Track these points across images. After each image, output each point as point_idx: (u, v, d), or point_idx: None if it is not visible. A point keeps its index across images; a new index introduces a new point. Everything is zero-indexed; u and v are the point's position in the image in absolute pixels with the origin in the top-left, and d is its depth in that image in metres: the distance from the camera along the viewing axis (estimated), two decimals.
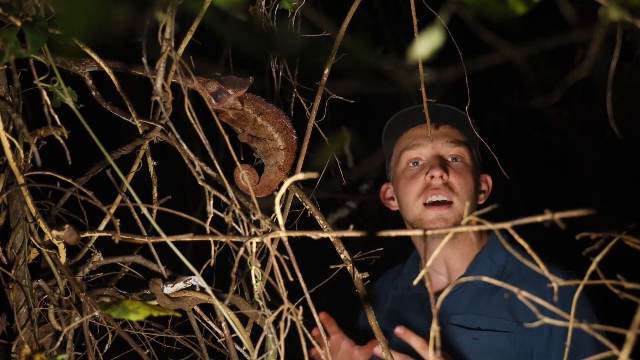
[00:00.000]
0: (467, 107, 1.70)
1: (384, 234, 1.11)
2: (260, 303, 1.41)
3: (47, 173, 1.38)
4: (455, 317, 1.89)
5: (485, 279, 1.10)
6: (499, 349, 1.81)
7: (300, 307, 1.23)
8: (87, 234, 1.45)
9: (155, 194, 1.52)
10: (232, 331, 1.48)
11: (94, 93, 1.45)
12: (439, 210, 1.90)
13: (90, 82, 1.45)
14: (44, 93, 1.29)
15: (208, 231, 1.30)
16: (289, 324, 1.22)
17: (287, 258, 1.25)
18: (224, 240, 1.32)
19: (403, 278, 2.11)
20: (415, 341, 1.71)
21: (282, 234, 1.18)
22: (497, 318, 1.83)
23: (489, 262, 1.93)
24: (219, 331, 1.50)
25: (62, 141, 1.32)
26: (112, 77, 1.43)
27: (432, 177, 1.91)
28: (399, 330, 1.74)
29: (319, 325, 1.35)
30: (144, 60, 1.29)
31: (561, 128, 3.46)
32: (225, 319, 1.47)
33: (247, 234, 1.36)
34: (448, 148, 1.95)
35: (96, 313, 1.42)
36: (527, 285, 1.17)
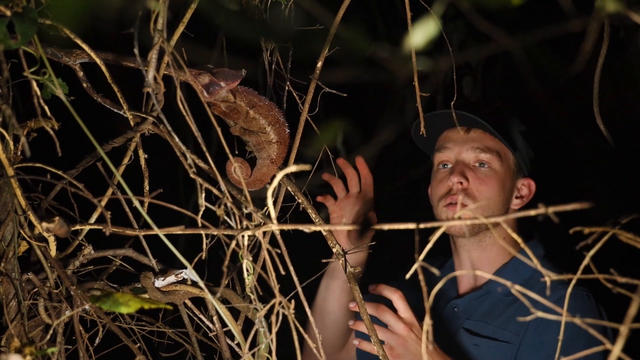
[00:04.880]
0: (453, 103, 1.69)
1: (376, 227, 1.11)
2: (252, 297, 1.41)
3: (37, 165, 1.37)
4: (468, 322, 1.94)
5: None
6: (497, 358, 1.82)
7: (292, 301, 1.23)
8: (77, 227, 1.44)
9: (147, 187, 1.51)
10: (223, 325, 1.47)
11: (85, 85, 1.44)
12: (453, 210, 1.95)
13: (81, 73, 1.43)
14: (34, 84, 1.28)
15: (200, 224, 1.29)
16: (280, 317, 1.22)
17: (279, 251, 1.25)
18: (215, 233, 1.31)
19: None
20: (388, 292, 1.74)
21: (274, 227, 1.17)
22: (502, 329, 1.86)
23: (514, 274, 1.96)
24: (211, 325, 1.49)
25: (52, 133, 1.31)
26: (104, 68, 1.42)
27: (453, 182, 1.93)
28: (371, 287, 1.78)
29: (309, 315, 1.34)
30: (136, 51, 1.28)
31: (554, 123, 3.46)
32: (217, 313, 1.47)
33: (239, 227, 1.36)
34: (474, 154, 1.97)
35: (87, 306, 1.41)
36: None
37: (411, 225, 1.08)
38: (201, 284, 1.34)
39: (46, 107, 1.31)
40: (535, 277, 1.91)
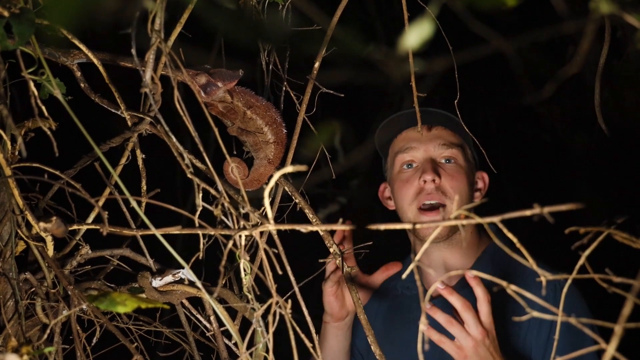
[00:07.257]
0: (456, 102, 1.69)
1: (373, 227, 1.11)
2: (249, 296, 1.41)
3: (34, 165, 1.37)
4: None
5: (486, 276, 1.11)
6: (505, 348, 1.82)
7: (289, 301, 1.23)
8: (75, 227, 1.44)
9: (144, 187, 1.51)
10: (220, 324, 1.47)
11: (82, 85, 1.44)
12: (431, 216, 1.92)
13: (78, 73, 1.44)
14: (32, 85, 1.28)
15: (197, 224, 1.29)
16: (277, 317, 1.22)
17: (276, 251, 1.25)
18: (212, 233, 1.32)
19: (401, 279, 2.07)
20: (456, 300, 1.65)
21: (272, 227, 1.17)
22: (503, 319, 1.84)
23: (492, 265, 1.94)
24: (208, 325, 1.50)
25: (49, 133, 1.31)
26: (101, 68, 1.42)
27: (425, 181, 1.91)
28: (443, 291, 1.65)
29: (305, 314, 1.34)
30: (134, 51, 1.28)
31: (552, 124, 3.47)
32: (214, 313, 1.47)
33: (236, 227, 1.36)
34: (441, 150, 1.96)
35: (84, 306, 1.41)
36: (528, 287, 1.18)
37: (407, 226, 1.08)
38: (198, 283, 1.35)
39: (43, 107, 1.31)
40: (513, 264, 1.90)
